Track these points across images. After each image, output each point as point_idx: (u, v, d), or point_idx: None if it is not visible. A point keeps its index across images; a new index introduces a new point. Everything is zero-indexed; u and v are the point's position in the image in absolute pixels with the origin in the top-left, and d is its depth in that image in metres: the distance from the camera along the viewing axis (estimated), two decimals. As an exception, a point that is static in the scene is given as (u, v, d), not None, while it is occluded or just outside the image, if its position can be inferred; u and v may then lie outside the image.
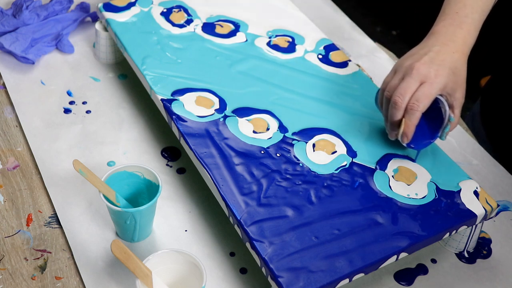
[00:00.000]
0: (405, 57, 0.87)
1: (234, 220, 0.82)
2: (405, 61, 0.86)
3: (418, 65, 0.84)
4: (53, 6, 1.20)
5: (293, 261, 0.77)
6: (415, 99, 0.83)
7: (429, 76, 0.83)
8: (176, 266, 0.78)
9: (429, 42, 0.87)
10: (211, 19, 1.12)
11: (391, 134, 0.88)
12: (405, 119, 0.84)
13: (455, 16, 0.87)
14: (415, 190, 0.86)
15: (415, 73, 0.83)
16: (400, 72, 0.86)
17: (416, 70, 0.83)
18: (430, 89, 0.83)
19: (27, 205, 0.92)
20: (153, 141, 1.02)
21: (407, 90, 0.83)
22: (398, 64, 0.87)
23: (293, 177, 0.86)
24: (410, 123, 0.84)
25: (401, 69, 0.86)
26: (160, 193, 0.84)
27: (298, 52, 1.06)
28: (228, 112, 0.95)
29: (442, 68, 0.83)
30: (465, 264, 0.89)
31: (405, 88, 0.83)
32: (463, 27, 0.87)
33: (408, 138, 0.85)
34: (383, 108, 0.88)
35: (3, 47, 1.13)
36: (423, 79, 0.83)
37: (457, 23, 0.87)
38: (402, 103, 0.83)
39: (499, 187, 0.99)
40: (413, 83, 0.83)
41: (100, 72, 1.13)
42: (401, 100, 0.83)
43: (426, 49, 0.86)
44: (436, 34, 0.88)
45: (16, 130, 1.03)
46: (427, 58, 0.84)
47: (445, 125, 0.86)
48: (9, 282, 0.83)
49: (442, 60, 0.84)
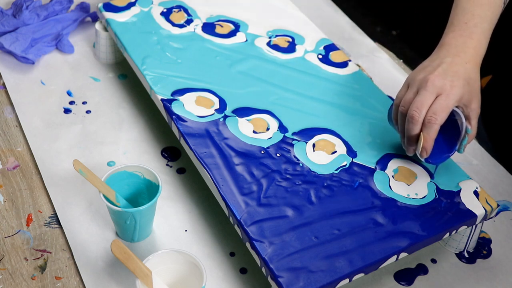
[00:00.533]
0: (417, 70, 0.86)
1: (234, 220, 0.82)
2: (418, 75, 0.84)
3: (433, 78, 0.82)
4: (53, 6, 1.20)
5: (293, 261, 0.77)
6: (433, 112, 0.81)
7: (445, 88, 0.81)
8: (176, 266, 0.78)
9: (441, 54, 0.86)
10: (211, 19, 1.12)
11: (408, 150, 0.86)
12: (423, 133, 0.82)
13: (465, 26, 0.86)
14: (415, 190, 0.86)
15: (430, 85, 0.82)
16: (413, 85, 0.84)
17: (431, 83, 0.82)
18: (447, 101, 0.81)
19: (27, 205, 0.92)
20: (153, 141, 1.02)
21: (424, 104, 0.81)
22: (411, 78, 0.85)
23: (293, 177, 0.86)
24: (428, 137, 0.82)
25: (415, 83, 0.84)
26: (160, 193, 0.84)
27: (298, 52, 1.06)
28: (228, 112, 0.95)
29: (456, 79, 0.82)
30: (465, 264, 0.89)
31: (421, 102, 0.81)
32: (473, 37, 0.85)
33: (427, 153, 0.83)
34: (399, 123, 0.86)
35: (3, 47, 1.13)
36: (439, 91, 0.81)
37: (467, 34, 0.86)
38: (419, 117, 0.81)
39: (499, 187, 0.99)
40: (429, 96, 0.81)
41: (100, 72, 1.13)
42: (418, 114, 0.81)
43: (438, 61, 0.84)
44: (446, 45, 0.86)
45: (16, 130, 1.03)
46: (440, 70, 0.83)
47: (462, 138, 0.84)
48: (9, 282, 0.83)
49: (456, 71, 0.82)
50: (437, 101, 0.81)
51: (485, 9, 0.87)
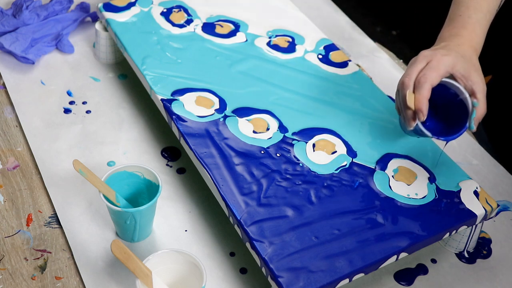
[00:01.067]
0: None
1: (234, 220, 0.82)
2: None
3: (423, 51, 0.83)
4: (53, 6, 1.20)
5: (293, 261, 0.77)
6: (421, 74, 0.81)
7: (435, 56, 0.82)
8: (176, 266, 0.78)
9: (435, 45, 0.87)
10: (211, 19, 1.12)
11: (408, 122, 0.83)
12: (416, 95, 0.81)
13: (459, 18, 0.87)
14: (415, 190, 0.86)
15: (421, 56, 0.83)
16: None
17: (421, 55, 0.83)
18: (438, 64, 0.81)
19: (27, 205, 0.92)
20: (153, 141, 1.02)
21: (413, 70, 0.82)
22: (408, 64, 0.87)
23: (293, 177, 0.86)
24: (420, 96, 0.80)
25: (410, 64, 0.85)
26: (160, 193, 0.84)
27: (298, 52, 1.06)
28: (228, 112, 0.95)
29: (448, 51, 0.83)
30: (465, 264, 0.89)
31: (411, 69, 0.82)
32: (467, 27, 0.86)
33: (423, 114, 0.80)
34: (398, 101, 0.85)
35: (3, 47, 1.13)
36: (430, 59, 0.82)
37: (460, 25, 0.87)
38: (409, 81, 0.81)
39: (499, 187, 0.99)
40: (419, 64, 0.82)
41: (100, 72, 1.13)
42: (408, 79, 0.81)
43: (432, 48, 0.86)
44: (441, 38, 0.88)
45: (16, 130, 1.03)
46: (432, 48, 0.84)
47: (470, 112, 0.82)
48: (9, 282, 0.83)
49: (449, 48, 0.83)
50: (427, 65, 0.82)
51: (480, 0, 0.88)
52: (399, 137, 0.93)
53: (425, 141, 0.92)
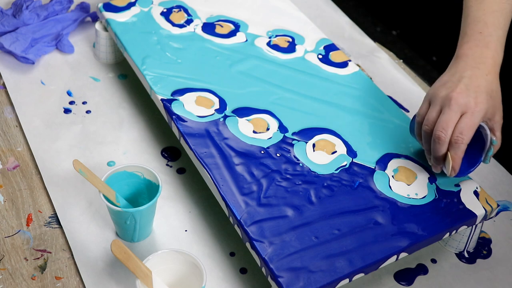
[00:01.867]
0: (437, 87, 0.84)
1: (234, 220, 0.82)
2: (439, 91, 0.83)
3: (456, 95, 0.80)
4: (53, 6, 1.20)
5: (293, 261, 0.77)
6: (459, 132, 0.80)
7: (469, 106, 0.80)
8: (176, 266, 0.78)
9: (459, 67, 0.84)
10: (211, 19, 1.12)
11: (436, 168, 0.85)
12: (451, 153, 0.81)
13: (479, 36, 0.85)
14: (415, 190, 0.86)
15: (454, 104, 0.80)
16: (436, 103, 0.82)
17: (454, 101, 0.80)
18: (473, 120, 0.80)
19: (27, 205, 0.92)
20: (153, 141, 1.02)
21: (449, 124, 0.80)
22: (432, 95, 0.84)
23: (293, 177, 0.86)
24: (456, 156, 0.81)
25: (437, 100, 0.82)
26: (160, 193, 0.84)
27: (298, 52, 1.06)
28: (228, 112, 0.95)
29: (480, 94, 0.81)
30: (465, 264, 0.89)
31: (447, 122, 0.80)
32: (490, 47, 0.84)
33: (456, 172, 0.82)
34: (423, 141, 0.85)
35: (3, 47, 1.13)
36: (464, 109, 0.80)
37: (483, 44, 0.84)
38: (445, 138, 0.80)
39: (499, 187, 0.99)
40: (454, 115, 0.80)
41: (100, 72, 1.14)
42: (445, 135, 0.80)
43: (458, 75, 0.83)
44: (464, 57, 0.85)
45: (16, 130, 1.03)
46: (463, 86, 0.81)
47: (487, 149, 0.83)
48: (9, 282, 0.83)
49: (478, 85, 0.81)
50: (463, 119, 0.80)
51: (497, 15, 0.86)
52: (399, 137, 0.93)
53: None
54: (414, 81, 1.17)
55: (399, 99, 1.11)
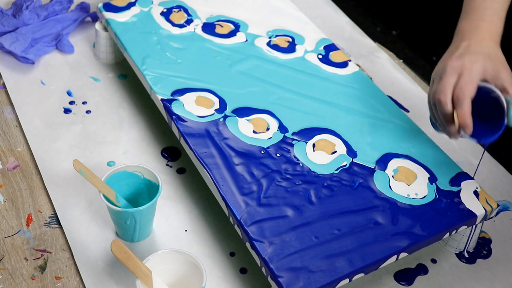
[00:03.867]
0: (438, 64, 0.86)
1: (234, 220, 0.82)
2: (438, 66, 0.85)
3: (451, 61, 0.82)
4: (53, 6, 1.20)
5: (293, 261, 0.77)
6: (459, 89, 0.80)
7: (465, 66, 0.81)
8: (176, 266, 0.78)
9: (456, 41, 0.86)
10: (211, 19, 1.12)
11: (453, 134, 0.83)
12: (457, 111, 0.81)
13: (475, 11, 0.87)
14: (415, 190, 0.86)
15: (449, 68, 0.82)
16: (436, 77, 0.84)
17: (449, 67, 0.82)
18: (470, 76, 0.81)
19: (27, 205, 0.92)
20: (153, 141, 1.02)
21: (446, 85, 0.81)
22: (434, 72, 0.86)
23: (293, 177, 0.86)
24: (462, 112, 0.80)
25: (437, 74, 0.84)
26: (160, 193, 0.84)
27: (298, 52, 1.06)
28: (228, 112, 0.95)
29: (474, 56, 0.82)
30: (465, 264, 0.89)
31: (444, 84, 0.81)
32: (485, 19, 0.86)
33: (469, 128, 0.81)
34: (436, 117, 0.85)
35: (3, 47, 1.13)
36: (459, 71, 0.82)
37: (477, 17, 0.86)
38: (445, 98, 0.81)
39: (499, 187, 0.99)
40: (450, 77, 0.82)
41: (100, 72, 1.14)
42: (444, 95, 0.81)
43: (454, 47, 0.85)
44: (460, 32, 0.87)
45: (16, 130, 1.03)
46: (457, 54, 0.83)
47: (507, 110, 0.81)
48: (9, 282, 0.83)
49: (472, 51, 0.83)
50: (460, 79, 0.81)
51: None
52: (399, 137, 0.93)
53: (425, 141, 0.92)
54: (414, 81, 1.17)
55: (399, 99, 1.12)
